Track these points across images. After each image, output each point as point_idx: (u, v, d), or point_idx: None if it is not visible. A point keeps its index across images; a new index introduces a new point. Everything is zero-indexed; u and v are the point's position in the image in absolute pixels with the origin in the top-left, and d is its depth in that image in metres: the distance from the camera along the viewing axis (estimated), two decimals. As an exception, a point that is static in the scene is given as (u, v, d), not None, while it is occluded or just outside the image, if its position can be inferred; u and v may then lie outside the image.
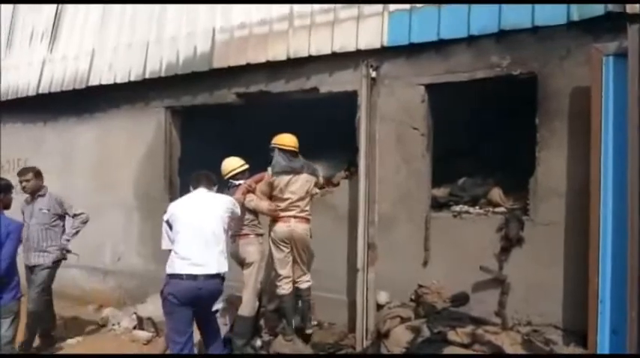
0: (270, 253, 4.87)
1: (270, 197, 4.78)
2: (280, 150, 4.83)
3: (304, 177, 4.79)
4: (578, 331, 3.96)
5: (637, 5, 3.89)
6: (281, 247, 4.75)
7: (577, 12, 4.08)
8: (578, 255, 4.00)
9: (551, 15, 4.17)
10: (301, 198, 4.76)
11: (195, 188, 4.02)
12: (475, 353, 3.65)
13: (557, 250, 4.16)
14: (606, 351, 3.76)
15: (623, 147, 3.65)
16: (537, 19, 4.22)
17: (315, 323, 5.05)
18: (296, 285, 4.87)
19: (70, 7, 7.58)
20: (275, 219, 4.76)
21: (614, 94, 3.79)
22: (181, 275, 3.70)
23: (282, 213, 4.71)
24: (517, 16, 4.29)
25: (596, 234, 3.79)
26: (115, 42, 6.84)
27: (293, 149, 4.88)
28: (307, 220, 4.80)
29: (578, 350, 3.85)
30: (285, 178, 4.72)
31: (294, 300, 4.84)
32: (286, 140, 4.88)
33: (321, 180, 5.20)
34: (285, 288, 4.78)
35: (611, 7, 3.95)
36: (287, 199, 4.72)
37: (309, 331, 4.86)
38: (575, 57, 4.15)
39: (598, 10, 4.01)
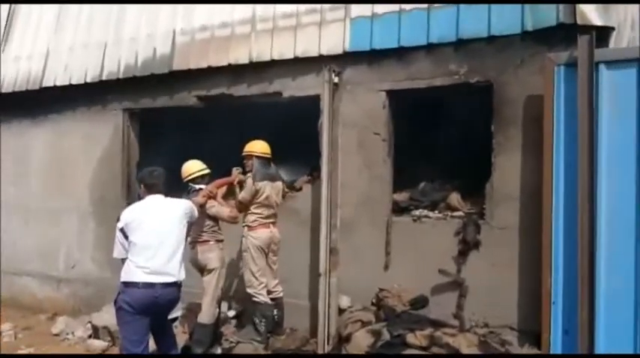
0: (248, 260, 4.80)
1: (249, 204, 4.81)
2: (257, 157, 4.86)
3: (279, 184, 5.01)
4: (533, 332, 4.08)
5: (587, 16, 4.05)
6: (263, 254, 4.82)
7: (531, 22, 4.22)
8: (532, 258, 4.12)
9: (506, 25, 4.30)
10: (277, 205, 4.97)
11: (149, 191, 3.87)
12: (433, 354, 3.70)
13: (512, 253, 4.27)
14: (559, 351, 3.89)
15: (574, 152, 3.80)
16: (493, 28, 4.33)
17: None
18: (272, 295, 4.88)
19: (23, 6, 7.31)
20: (253, 226, 4.81)
21: (565, 102, 3.93)
22: (138, 283, 3.58)
23: (264, 220, 4.85)
24: (474, 26, 4.40)
25: (549, 237, 3.92)
26: (71, 42, 6.64)
27: (268, 156, 4.95)
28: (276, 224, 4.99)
29: (533, 351, 3.95)
30: (269, 185, 4.85)
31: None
32: (261, 147, 4.95)
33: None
34: (265, 296, 4.79)
35: (563, 17, 4.10)
36: (272, 206, 4.90)
37: (283, 337, 4.89)
38: (529, 66, 4.29)
39: (550, 20, 4.15)
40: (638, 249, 3.68)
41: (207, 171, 4.93)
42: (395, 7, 4.74)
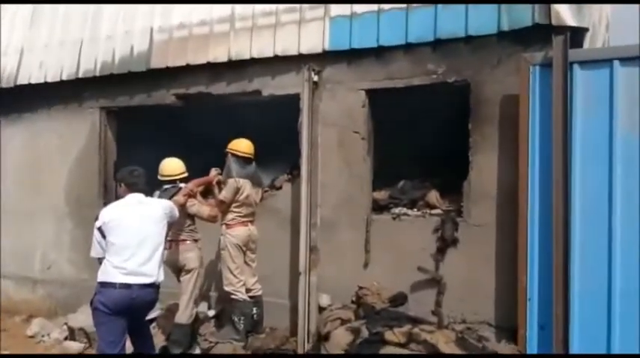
0: (226, 258, 4.78)
1: (231, 203, 4.80)
2: (234, 156, 4.84)
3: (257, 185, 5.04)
4: (509, 327, 4.14)
5: (562, 17, 4.12)
6: (241, 252, 4.81)
7: (507, 22, 4.28)
8: (508, 255, 4.18)
9: (483, 25, 4.35)
10: (256, 203, 4.99)
11: (129, 190, 3.82)
12: (411, 352, 3.72)
13: (489, 250, 4.33)
14: (534, 346, 3.97)
15: (549, 151, 3.87)
16: (470, 28, 4.39)
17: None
18: (251, 293, 4.86)
19: (-4, 1, 7.15)
20: (231, 225, 4.80)
21: (540, 102, 4.00)
22: (114, 283, 3.52)
23: (242, 218, 4.84)
24: (452, 26, 4.45)
25: (524, 234, 3.98)
26: (46, 39, 6.51)
27: (248, 156, 4.92)
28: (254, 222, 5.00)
29: (509, 346, 4.01)
30: (249, 184, 4.86)
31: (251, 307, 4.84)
32: (241, 146, 4.92)
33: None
34: (244, 294, 4.77)
35: (538, 18, 4.16)
36: (252, 205, 4.92)
37: (262, 336, 4.87)
38: (505, 65, 4.35)
39: (526, 21, 4.22)
40: (612, 245, 3.77)
41: (186, 175, 4.88)
42: (374, 6, 4.76)
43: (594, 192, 3.82)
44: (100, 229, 3.64)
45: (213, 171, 4.96)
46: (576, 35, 4.20)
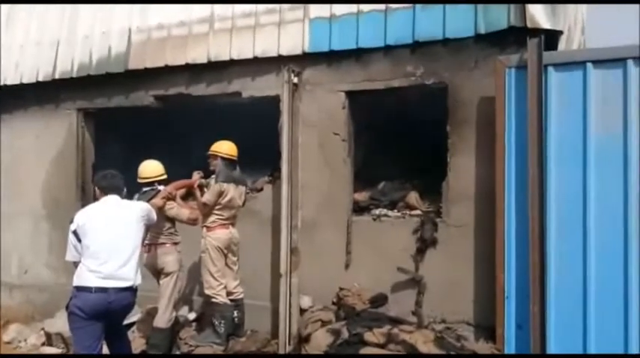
0: (207, 261, 4.73)
1: (214, 206, 4.76)
2: (222, 158, 4.81)
3: (242, 188, 5.00)
4: (488, 326, 4.18)
5: (537, 20, 4.19)
6: (222, 254, 4.77)
7: (484, 25, 4.33)
8: (486, 255, 4.22)
9: (460, 27, 4.40)
10: (239, 207, 4.95)
11: (104, 193, 3.78)
12: (390, 352, 3.74)
13: (468, 250, 4.37)
14: (512, 345, 4.01)
15: (525, 152, 3.92)
16: (448, 31, 4.43)
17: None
18: (232, 296, 4.83)
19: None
20: (212, 227, 4.76)
21: (516, 104, 4.05)
22: (90, 287, 3.48)
23: (224, 221, 4.80)
24: (430, 28, 4.49)
25: (502, 234, 4.03)
26: (22, 40, 6.40)
27: (234, 158, 4.90)
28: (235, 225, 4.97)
29: (487, 345, 4.05)
30: (232, 187, 4.82)
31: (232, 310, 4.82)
32: (228, 148, 4.90)
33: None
34: (224, 297, 4.74)
35: (513, 21, 4.22)
36: (235, 208, 4.88)
37: (243, 339, 4.86)
38: (482, 68, 4.39)
39: (502, 24, 4.27)
40: (586, 243, 3.82)
41: (165, 176, 4.84)
42: (353, 8, 4.78)
43: (569, 192, 3.88)
44: (74, 232, 3.59)
45: (196, 175, 4.92)
46: (551, 38, 4.26)
